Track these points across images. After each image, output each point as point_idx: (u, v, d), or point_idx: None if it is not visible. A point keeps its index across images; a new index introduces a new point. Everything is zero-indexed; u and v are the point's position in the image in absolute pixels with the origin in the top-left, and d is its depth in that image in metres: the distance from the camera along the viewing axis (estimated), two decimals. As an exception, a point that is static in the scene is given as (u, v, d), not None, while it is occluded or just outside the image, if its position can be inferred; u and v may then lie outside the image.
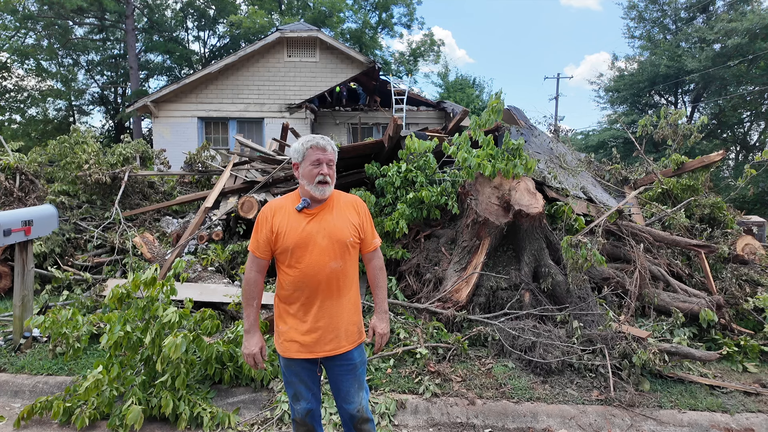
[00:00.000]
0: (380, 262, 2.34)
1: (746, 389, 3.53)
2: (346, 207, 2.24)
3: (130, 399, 3.06)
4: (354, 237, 2.18)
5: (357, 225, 2.21)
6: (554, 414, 3.22)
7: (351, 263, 2.20)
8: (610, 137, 25.91)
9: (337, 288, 2.15)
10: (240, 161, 7.47)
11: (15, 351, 4.04)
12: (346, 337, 2.18)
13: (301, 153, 2.17)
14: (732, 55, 21.34)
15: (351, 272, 2.21)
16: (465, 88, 28.66)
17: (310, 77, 13.87)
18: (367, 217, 2.28)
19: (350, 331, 2.19)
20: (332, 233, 2.13)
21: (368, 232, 2.27)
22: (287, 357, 2.17)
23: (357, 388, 2.23)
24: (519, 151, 4.73)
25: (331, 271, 2.11)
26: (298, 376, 2.20)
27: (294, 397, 2.24)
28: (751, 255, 5.23)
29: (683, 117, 6.55)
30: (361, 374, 2.27)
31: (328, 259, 2.10)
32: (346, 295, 2.19)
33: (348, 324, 2.19)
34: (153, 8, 26.06)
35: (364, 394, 2.26)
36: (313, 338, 2.13)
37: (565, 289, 4.40)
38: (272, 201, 2.30)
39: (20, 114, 24.38)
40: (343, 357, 2.19)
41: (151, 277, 3.33)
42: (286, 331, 2.17)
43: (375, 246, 2.31)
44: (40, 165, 7.31)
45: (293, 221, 2.13)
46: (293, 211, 2.15)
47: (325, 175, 2.12)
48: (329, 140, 2.21)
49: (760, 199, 20.02)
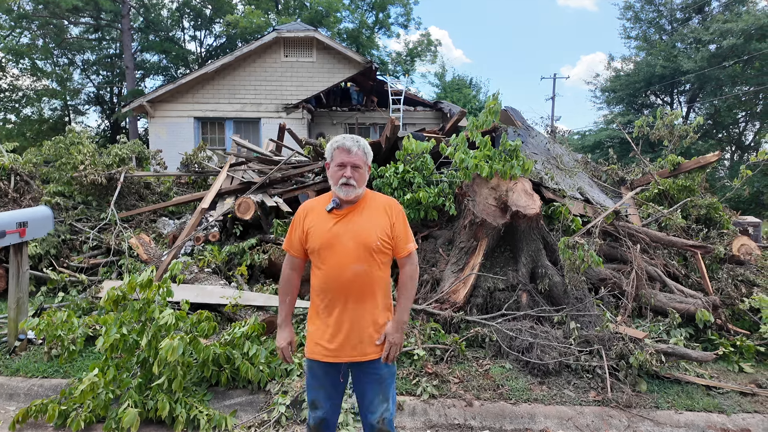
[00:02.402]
0: (411, 269, 2.21)
1: (742, 390, 3.55)
2: (378, 209, 2.16)
3: (126, 402, 3.04)
4: (381, 241, 2.10)
5: (387, 228, 2.13)
6: (552, 415, 3.23)
7: (378, 268, 2.12)
8: (606, 137, 26.00)
9: (360, 292, 2.09)
10: (237, 162, 7.44)
11: (10, 353, 4.02)
12: (372, 344, 2.11)
13: (330, 153, 2.17)
14: (727, 56, 21.45)
15: (378, 277, 2.12)
16: (462, 88, 28.68)
17: (307, 77, 13.85)
18: (399, 221, 2.17)
19: (377, 338, 2.12)
20: (358, 236, 2.08)
21: (400, 236, 2.17)
22: (311, 358, 2.16)
23: (381, 399, 2.15)
24: (516, 152, 4.73)
25: (354, 274, 2.06)
26: (318, 380, 2.16)
27: (311, 404, 2.20)
28: (746, 255, 5.25)
29: (679, 117, 6.58)
30: (388, 386, 2.17)
31: (351, 262, 2.06)
32: (372, 300, 2.12)
33: (374, 331, 2.12)
34: (149, 8, 25.95)
35: (389, 406, 2.17)
36: (337, 342, 2.09)
37: (562, 290, 4.41)
38: (308, 200, 2.31)
39: (15, 114, 24.24)
40: (368, 365, 2.13)
41: (147, 279, 3.31)
42: (313, 332, 2.17)
43: (407, 251, 2.18)
44: (35, 166, 7.26)
45: (322, 221, 2.13)
46: (324, 212, 2.14)
47: (348, 177, 2.08)
48: (358, 141, 2.15)
49: (756, 200, 20.13)
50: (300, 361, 3.55)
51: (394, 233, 2.15)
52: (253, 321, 3.66)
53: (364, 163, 2.15)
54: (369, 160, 2.20)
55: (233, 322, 4.17)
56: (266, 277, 5.28)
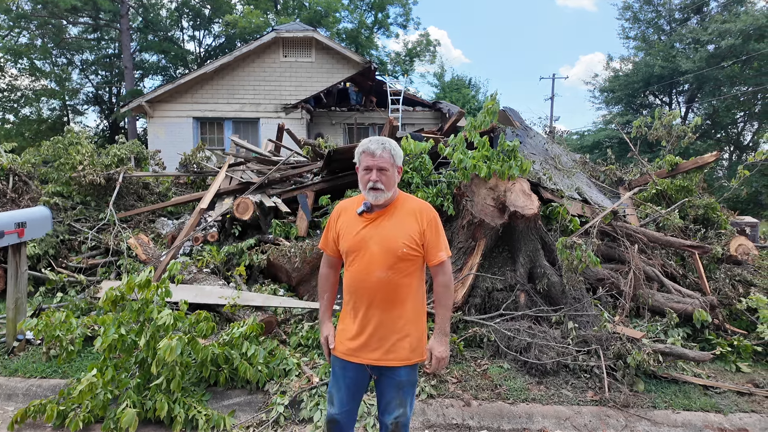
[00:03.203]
0: (445, 278, 2.10)
1: (740, 389, 3.56)
2: (408, 214, 2.09)
3: (124, 402, 3.05)
4: (408, 248, 2.03)
5: (415, 235, 2.05)
6: (549, 415, 3.24)
7: (405, 275, 2.06)
8: (605, 137, 26.05)
9: (385, 299, 2.06)
10: (236, 162, 7.45)
11: (8, 354, 4.02)
12: (395, 352, 2.07)
13: (357, 158, 2.15)
14: (726, 56, 21.50)
15: (405, 284, 2.07)
16: (461, 88, 28.69)
17: (306, 77, 13.85)
18: (431, 227, 2.08)
19: (400, 347, 2.07)
20: (384, 241, 2.04)
21: (431, 243, 2.07)
22: (335, 354, 2.19)
23: (397, 403, 2.12)
24: (514, 152, 4.74)
25: (378, 279, 2.04)
26: (337, 378, 2.18)
27: (328, 397, 2.25)
28: (744, 255, 5.27)
29: (677, 118, 6.59)
30: (406, 393, 2.14)
31: (375, 267, 2.04)
32: (397, 308, 2.07)
33: (398, 339, 2.07)
34: (148, 7, 25.93)
35: (406, 411, 2.14)
36: (358, 342, 2.10)
37: (560, 290, 4.41)
38: (343, 201, 2.32)
39: (14, 114, 24.20)
40: (389, 369, 2.11)
41: (145, 279, 3.31)
42: (340, 330, 2.19)
43: (439, 260, 2.08)
44: (33, 166, 7.25)
45: (352, 224, 2.13)
46: (355, 214, 2.13)
47: (375, 181, 2.05)
48: (383, 143, 2.10)
49: (754, 200, 20.18)
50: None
51: (424, 240, 2.07)
52: (251, 321, 3.67)
53: (392, 164, 2.09)
54: (398, 161, 2.13)
55: (232, 322, 4.17)
56: (265, 277, 5.29)
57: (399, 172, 2.16)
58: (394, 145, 2.13)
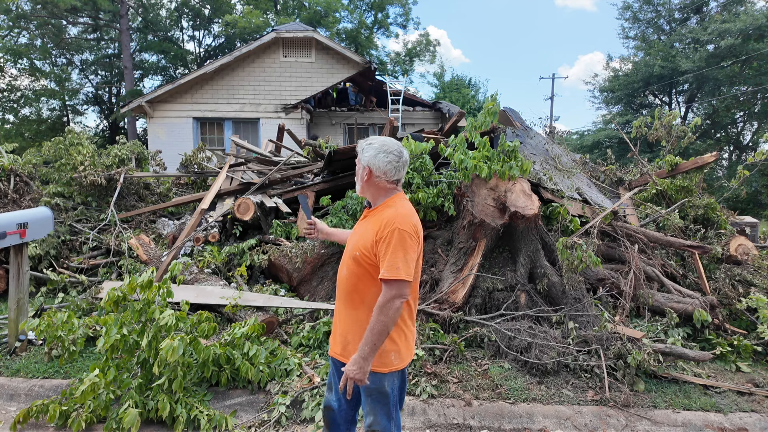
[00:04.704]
0: (381, 299, 1.89)
1: (739, 389, 3.57)
2: (376, 221, 2.01)
3: (126, 402, 3.06)
4: (362, 252, 1.99)
5: (369, 243, 1.98)
6: (550, 414, 3.25)
7: (360, 279, 2.02)
8: (605, 137, 26.07)
9: (346, 296, 2.09)
10: (236, 162, 7.46)
11: (10, 354, 4.02)
12: (349, 351, 2.02)
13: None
14: (725, 56, 21.52)
15: (360, 288, 2.03)
16: (461, 88, 28.71)
17: (306, 77, 13.86)
18: (385, 241, 1.92)
19: (354, 349, 1.99)
20: (353, 240, 2.11)
21: (380, 257, 1.93)
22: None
23: (368, 410, 2.07)
24: (515, 152, 4.75)
25: (342, 274, 2.13)
26: (330, 368, 2.26)
27: (328, 385, 2.30)
28: (744, 255, 5.28)
29: (677, 118, 6.60)
30: (375, 401, 2.04)
31: (343, 264, 2.12)
32: (354, 309, 2.05)
33: (352, 340, 2.03)
34: (147, 7, 25.92)
35: (378, 419, 2.04)
36: (333, 331, 2.19)
37: (560, 290, 4.43)
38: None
39: (14, 114, 24.20)
40: None
41: (147, 280, 3.32)
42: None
43: (380, 276, 1.90)
44: (34, 166, 7.26)
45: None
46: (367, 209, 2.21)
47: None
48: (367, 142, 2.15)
49: (754, 200, 20.20)
50: (297, 359, 3.56)
51: (376, 251, 1.96)
52: (252, 321, 3.68)
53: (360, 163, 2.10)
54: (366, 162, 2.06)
55: (233, 322, 4.18)
56: (266, 277, 5.30)
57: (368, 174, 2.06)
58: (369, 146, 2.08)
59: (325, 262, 5.07)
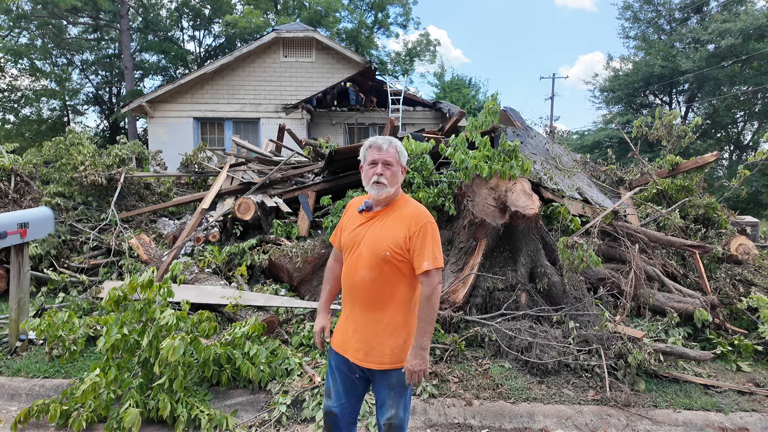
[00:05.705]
0: (427, 290, 1.99)
1: (740, 388, 3.57)
2: (401, 218, 2.05)
3: (127, 402, 3.06)
4: (393, 252, 2.00)
5: (400, 240, 2.00)
6: (551, 414, 3.25)
7: (388, 279, 2.03)
8: (605, 137, 26.06)
9: (367, 300, 2.06)
10: (237, 162, 7.46)
11: (11, 354, 4.03)
12: (374, 356, 2.05)
13: (363, 154, 2.18)
14: (726, 56, 21.51)
15: (389, 288, 2.04)
16: (461, 88, 28.70)
17: (306, 77, 13.86)
18: (419, 235, 1.99)
19: (380, 352, 2.04)
20: (373, 242, 2.05)
21: (416, 251, 1.99)
22: (332, 346, 2.23)
23: (390, 404, 2.10)
24: (515, 152, 4.75)
25: (361, 278, 2.05)
26: (332, 370, 2.22)
27: (326, 391, 2.26)
28: (744, 255, 5.28)
29: (678, 118, 6.60)
30: (397, 394, 2.09)
31: (361, 266, 2.05)
32: (378, 311, 2.05)
33: (378, 343, 2.05)
34: (148, 8, 25.93)
35: (398, 412, 2.09)
36: (344, 336, 2.16)
37: (561, 290, 4.43)
38: (355, 197, 2.37)
39: (14, 114, 24.21)
40: (377, 371, 2.10)
41: (148, 280, 3.32)
42: (338, 323, 2.25)
43: (422, 269, 1.98)
44: (35, 166, 7.26)
45: (353, 221, 2.19)
46: (357, 211, 2.19)
47: (379, 175, 2.04)
48: (390, 140, 2.12)
49: (754, 199, 20.20)
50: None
51: (410, 246, 2.01)
52: (253, 321, 3.68)
53: (397, 161, 2.09)
54: (402, 160, 2.13)
55: (234, 322, 4.18)
56: (266, 277, 5.30)
57: (403, 172, 2.16)
58: (400, 144, 2.17)
59: (325, 261, 5.07)
